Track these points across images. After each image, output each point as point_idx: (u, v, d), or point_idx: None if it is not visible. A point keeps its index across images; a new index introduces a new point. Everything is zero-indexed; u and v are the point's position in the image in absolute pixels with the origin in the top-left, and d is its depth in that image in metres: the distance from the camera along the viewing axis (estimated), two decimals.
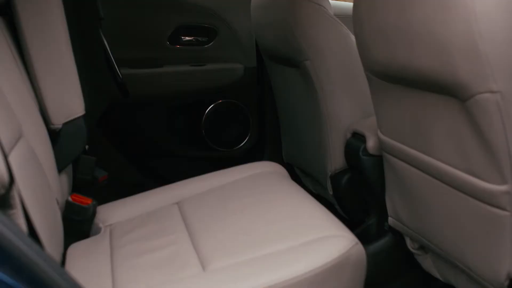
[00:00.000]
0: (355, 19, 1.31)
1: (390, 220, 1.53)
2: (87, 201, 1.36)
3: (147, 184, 2.27)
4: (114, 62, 1.78)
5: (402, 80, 1.21)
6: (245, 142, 2.39)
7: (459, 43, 0.96)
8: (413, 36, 1.08)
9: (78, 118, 1.39)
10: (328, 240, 1.13)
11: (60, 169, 1.38)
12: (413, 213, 1.40)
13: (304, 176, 2.19)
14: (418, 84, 1.15)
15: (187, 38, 2.23)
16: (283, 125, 2.19)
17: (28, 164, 1.08)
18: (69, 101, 1.36)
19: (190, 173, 2.33)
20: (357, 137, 1.67)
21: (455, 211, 1.20)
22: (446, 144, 1.15)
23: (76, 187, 1.58)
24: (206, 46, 2.26)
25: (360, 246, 1.15)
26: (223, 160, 2.36)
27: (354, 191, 1.78)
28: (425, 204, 1.31)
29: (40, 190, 1.10)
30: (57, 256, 1.13)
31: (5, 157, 0.80)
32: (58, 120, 1.36)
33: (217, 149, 2.36)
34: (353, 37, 1.70)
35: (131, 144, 2.29)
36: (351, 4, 2.54)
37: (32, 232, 0.89)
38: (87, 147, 1.71)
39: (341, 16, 1.85)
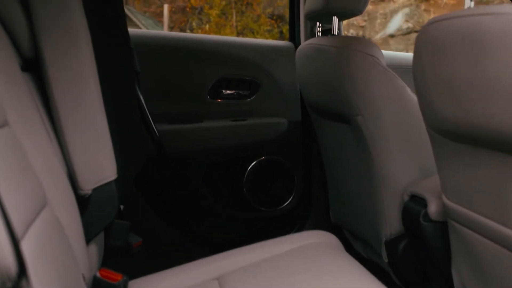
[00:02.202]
0: (416, 71, 1.17)
1: None
2: (117, 277, 1.22)
3: (183, 244, 2.18)
4: (150, 118, 1.69)
5: (475, 140, 1.05)
6: (289, 202, 2.26)
7: None
8: (489, 91, 0.93)
9: (110, 182, 1.27)
10: None
11: (89, 239, 1.26)
12: None
13: (353, 239, 2.03)
14: (496, 145, 0.99)
15: (228, 91, 2.15)
16: (331, 184, 2.05)
17: (51, 238, 0.96)
18: (100, 165, 1.25)
19: (230, 233, 2.25)
20: (416, 200, 1.51)
21: None
22: None
23: (108, 254, 1.46)
24: (248, 99, 2.17)
25: None
26: (265, 221, 2.27)
27: (412, 260, 1.61)
28: (503, 282, 1.13)
29: (63, 268, 0.97)
30: None
31: (16, 244, 0.67)
32: (88, 185, 1.24)
33: (259, 209, 2.23)
34: (409, 90, 1.58)
35: (168, 202, 2.19)
36: (405, 54, 2.44)
37: None
38: (122, 207, 1.61)
39: (395, 67, 1.73)
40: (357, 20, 8.01)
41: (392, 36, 8.49)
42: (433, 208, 1.43)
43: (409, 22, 8.57)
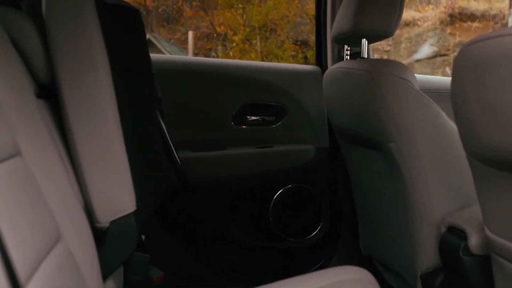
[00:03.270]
0: (456, 95, 1.09)
1: None
2: None
3: (206, 277, 2.12)
4: (172, 146, 1.64)
5: None
6: (317, 232, 2.19)
7: None
8: None
9: (128, 215, 1.21)
10: None
11: (106, 274, 1.19)
12: None
13: (385, 271, 1.94)
14: None
15: (253, 117, 2.10)
16: (361, 214, 1.97)
17: (63, 276, 0.90)
18: (118, 197, 1.19)
19: (256, 265, 2.18)
20: (455, 232, 1.42)
21: None
22: None
23: None
24: (273, 126, 2.11)
25: None
26: (292, 252, 2.20)
27: None
28: None
29: None
30: None
31: None
32: (105, 218, 1.18)
33: (286, 239, 2.16)
34: (445, 115, 1.50)
35: (191, 233, 2.14)
36: (438, 77, 2.36)
37: None
38: (143, 237, 1.56)
39: (428, 91, 1.66)
40: (381, 44, 7.98)
41: (417, 60, 8.44)
42: (474, 241, 1.34)
43: (434, 46, 8.51)
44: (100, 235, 1.18)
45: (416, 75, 1.61)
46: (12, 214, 0.77)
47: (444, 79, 2.30)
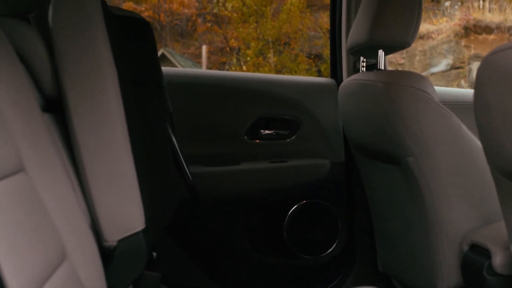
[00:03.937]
0: (480, 107, 1.04)
1: None
2: None
3: None
4: (183, 161, 1.61)
5: None
6: (333, 249, 2.14)
7: None
8: None
9: (137, 233, 1.17)
10: None
11: None
12: None
13: None
14: None
15: (266, 131, 2.06)
16: (379, 230, 1.92)
17: None
18: (126, 214, 1.15)
19: (270, 283, 2.13)
20: (478, 251, 1.37)
21: None
22: None
23: None
24: (288, 140, 2.07)
25: None
26: (307, 269, 2.16)
27: None
28: None
29: None
30: None
31: None
32: (113, 237, 1.14)
33: (301, 256, 2.12)
34: (465, 128, 1.46)
35: (203, 249, 2.11)
36: (458, 90, 2.32)
37: None
38: (154, 254, 1.52)
39: (448, 103, 1.62)
40: (395, 57, 7.94)
41: (432, 73, 8.39)
42: (498, 260, 1.29)
43: (449, 58, 8.47)
44: (107, 254, 1.15)
45: (435, 87, 1.57)
46: (13, 233, 0.74)
47: (464, 91, 2.26)
